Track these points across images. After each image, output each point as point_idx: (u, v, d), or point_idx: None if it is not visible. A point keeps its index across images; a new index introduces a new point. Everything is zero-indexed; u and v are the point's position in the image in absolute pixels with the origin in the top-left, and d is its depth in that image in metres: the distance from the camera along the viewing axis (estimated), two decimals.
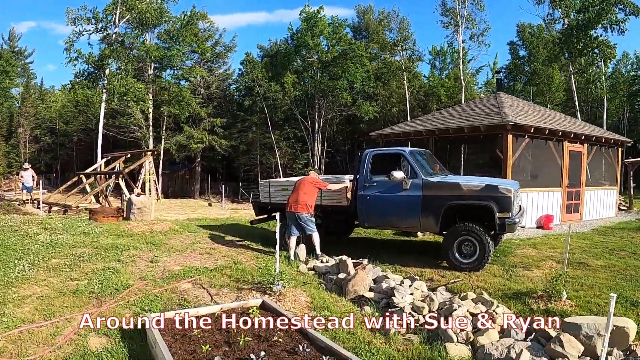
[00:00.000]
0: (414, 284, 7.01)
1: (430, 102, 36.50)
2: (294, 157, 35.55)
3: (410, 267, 8.59)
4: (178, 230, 10.55)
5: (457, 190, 8.18)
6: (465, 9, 28.49)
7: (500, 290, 7.03)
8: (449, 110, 16.82)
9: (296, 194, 8.65)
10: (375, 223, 9.19)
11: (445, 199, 8.17)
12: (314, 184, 8.80)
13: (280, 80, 31.26)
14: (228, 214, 17.02)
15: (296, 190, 8.70)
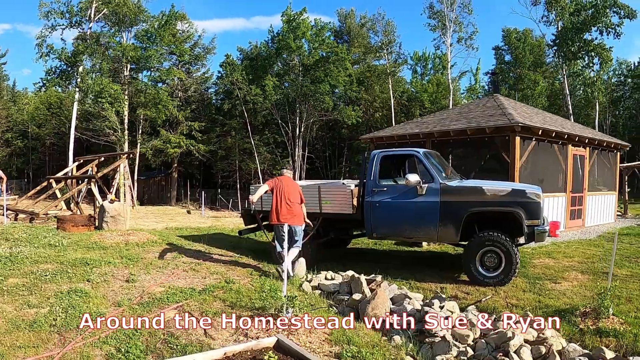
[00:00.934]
0: (445, 305, 5.88)
1: (414, 107, 35.77)
2: (274, 163, 34.22)
3: (427, 283, 7.63)
4: (157, 242, 9.21)
5: (480, 195, 7.31)
6: (453, 11, 27.84)
7: (536, 307, 6.26)
8: (444, 113, 15.95)
9: (287, 203, 7.20)
10: (384, 233, 8.08)
11: (466, 206, 7.29)
12: (299, 191, 7.51)
13: (261, 83, 30.00)
14: (209, 222, 15.69)
15: (285, 198, 7.19)
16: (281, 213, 7.14)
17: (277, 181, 7.30)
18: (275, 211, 7.18)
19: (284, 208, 7.15)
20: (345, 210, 8.05)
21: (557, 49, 22.64)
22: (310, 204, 8.24)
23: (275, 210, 7.19)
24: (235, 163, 33.83)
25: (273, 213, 7.22)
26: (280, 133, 33.20)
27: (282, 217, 7.14)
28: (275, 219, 7.20)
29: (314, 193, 8.31)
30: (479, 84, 38.50)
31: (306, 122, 32.68)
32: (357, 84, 34.89)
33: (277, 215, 7.17)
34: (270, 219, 7.32)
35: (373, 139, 16.44)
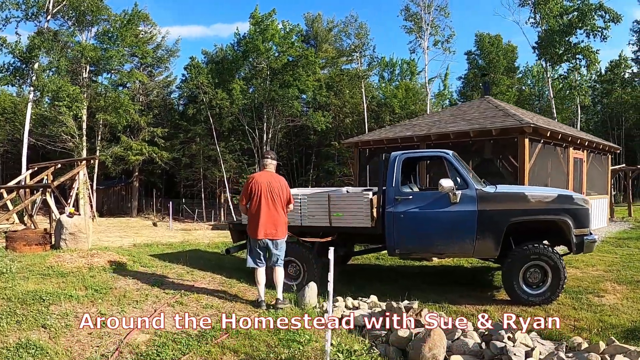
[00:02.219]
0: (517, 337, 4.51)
1: (383, 112, 34.72)
2: (241, 171, 32.37)
3: (463, 306, 6.37)
4: (127, 265, 7.46)
5: (522, 202, 6.30)
6: (429, 14, 27.11)
7: (602, 328, 5.36)
8: (434, 116, 14.90)
9: (269, 209, 5.62)
10: (410, 249, 6.70)
11: (508, 215, 6.23)
12: (286, 188, 5.88)
13: (227, 87, 28.29)
14: (180, 236, 13.89)
15: (267, 201, 5.61)
16: (261, 223, 5.58)
17: (253, 181, 5.69)
18: (254, 220, 5.62)
19: (264, 215, 5.59)
20: (362, 223, 6.61)
21: (543, 52, 22.25)
22: (316, 217, 6.79)
23: (253, 219, 5.63)
24: (200, 171, 31.85)
25: (251, 223, 5.67)
26: (246, 139, 31.47)
27: (263, 228, 5.59)
28: (253, 231, 5.64)
29: (321, 203, 6.84)
30: (447, 89, 38.28)
31: (274, 128, 31.11)
32: (326, 89, 33.69)
33: (255, 227, 5.60)
34: (248, 230, 5.78)
35: (358, 143, 15.08)
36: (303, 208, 6.85)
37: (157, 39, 31.95)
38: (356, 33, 28.60)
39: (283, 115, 31.04)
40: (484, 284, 7.83)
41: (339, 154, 35.05)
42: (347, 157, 35.50)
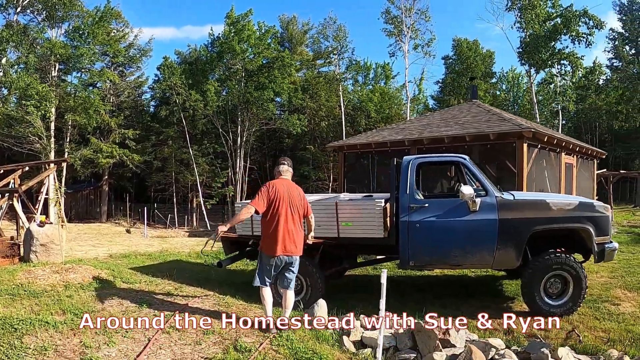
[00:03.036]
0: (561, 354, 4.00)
1: (359, 116, 34.35)
2: (214, 175, 31.30)
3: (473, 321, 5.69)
4: (107, 281, 6.61)
5: (545, 211, 5.96)
6: (410, 17, 26.81)
7: (633, 339, 5.09)
8: (423, 119, 14.44)
9: (289, 223, 4.90)
10: (425, 261, 6.15)
11: (530, 224, 5.88)
12: (305, 199, 5.23)
13: (201, 88, 27.27)
14: (156, 244, 12.94)
15: (288, 214, 4.90)
16: (280, 239, 4.84)
17: (273, 188, 4.92)
18: (272, 235, 4.87)
19: (283, 230, 4.86)
20: (373, 233, 5.99)
21: (528, 57, 22.28)
22: (322, 227, 6.13)
23: (271, 233, 4.88)
24: (172, 175, 30.52)
25: (268, 238, 4.91)
26: (220, 142, 30.45)
27: (282, 244, 4.85)
28: (269, 247, 4.88)
29: (328, 212, 6.19)
30: (422, 93, 38.26)
31: (248, 131, 30.24)
32: (302, 92, 33.05)
33: (272, 242, 4.86)
34: (262, 245, 5.01)
35: (344, 147, 14.48)
36: None
37: (129, 37, 30.56)
38: (335, 35, 28.15)
39: (257, 118, 30.25)
40: (495, 294, 7.40)
41: (314, 158, 34.43)
42: (323, 162, 35.02)
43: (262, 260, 5.05)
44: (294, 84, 31.84)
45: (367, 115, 34.28)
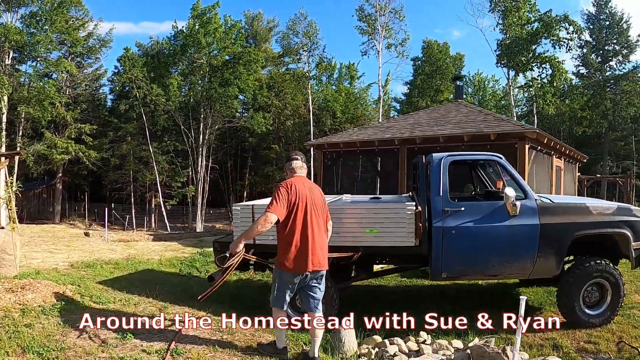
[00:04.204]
0: None
1: (324, 116, 33.58)
2: (174, 174, 29.67)
3: (524, 334, 5.17)
4: (73, 301, 5.38)
5: (585, 215, 5.44)
6: (384, 16, 26.23)
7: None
8: (409, 118, 13.74)
9: (317, 231, 4.05)
10: (460, 272, 5.33)
11: (572, 229, 5.34)
12: (325, 200, 4.42)
13: (163, 82, 25.66)
14: (120, 250, 11.47)
15: (313, 221, 4.02)
16: (311, 251, 3.93)
17: (293, 189, 3.99)
18: (299, 248, 3.93)
19: (312, 240, 3.96)
20: (403, 241, 5.10)
21: (508, 59, 22.16)
22: (342, 234, 5.20)
23: (298, 245, 3.93)
24: (130, 173, 28.60)
25: (293, 251, 3.92)
26: (181, 140, 28.88)
27: (312, 258, 3.95)
28: (298, 263, 3.93)
29: (351, 216, 5.26)
30: (387, 95, 37.87)
31: (211, 129, 28.80)
32: (267, 90, 31.91)
33: (301, 256, 3.93)
34: (282, 261, 3.99)
35: (325, 145, 13.57)
36: None
37: (88, 27, 28.32)
38: (305, 32, 27.22)
39: (221, 115, 28.90)
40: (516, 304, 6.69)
41: (278, 158, 33.37)
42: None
43: (282, 279, 4.04)
44: (259, 81, 30.73)
45: (333, 115, 33.57)
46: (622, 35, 30.71)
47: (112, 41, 30.17)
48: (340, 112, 33.23)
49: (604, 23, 31.59)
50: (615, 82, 29.58)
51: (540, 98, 22.28)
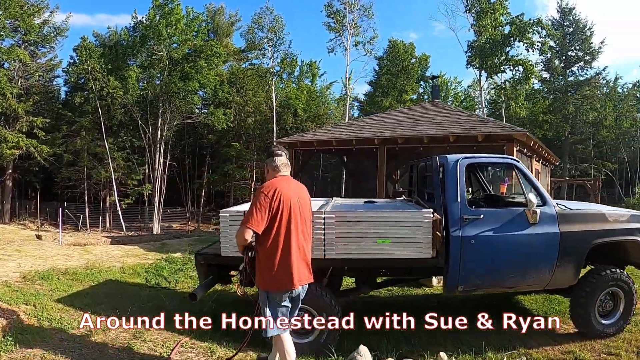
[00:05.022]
0: None
1: (286, 114, 32.82)
2: (130, 172, 28.12)
3: (537, 350, 4.91)
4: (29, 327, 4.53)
5: (602, 222, 5.19)
6: (353, 13, 25.71)
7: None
8: (386, 117, 13.32)
9: (302, 241, 3.58)
10: (477, 285, 4.85)
11: (590, 237, 5.05)
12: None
13: (121, 75, 24.23)
14: (77, 255, 10.33)
15: (298, 230, 3.54)
16: (295, 264, 3.46)
17: (277, 193, 3.45)
18: (282, 263, 3.44)
19: (297, 252, 3.50)
20: (419, 253, 4.57)
21: (480, 61, 22.16)
22: (351, 245, 4.58)
23: (281, 261, 3.44)
24: (84, 170, 26.85)
25: (277, 269, 3.43)
26: (137, 136, 27.38)
27: (299, 271, 3.49)
28: (282, 280, 3.45)
29: (360, 225, 4.61)
30: (350, 94, 37.34)
31: (169, 124, 27.47)
32: (228, 85, 30.82)
33: (285, 271, 3.44)
34: (265, 280, 3.49)
35: (297, 143, 12.95)
36: (329, 232, 4.59)
37: (44, 14, 26.26)
38: (270, 27, 26.32)
39: (180, 110, 27.62)
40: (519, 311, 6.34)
41: (238, 156, 32.37)
42: (247, 160, 33.13)
43: (271, 300, 3.51)
44: (220, 76, 29.66)
45: (294, 113, 32.88)
46: (585, 42, 31.65)
47: (68, 29, 28.26)
48: (301, 110, 32.57)
49: (567, 30, 32.40)
50: (577, 87, 30.55)
51: (513, 100, 22.60)
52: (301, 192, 3.71)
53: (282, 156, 3.77)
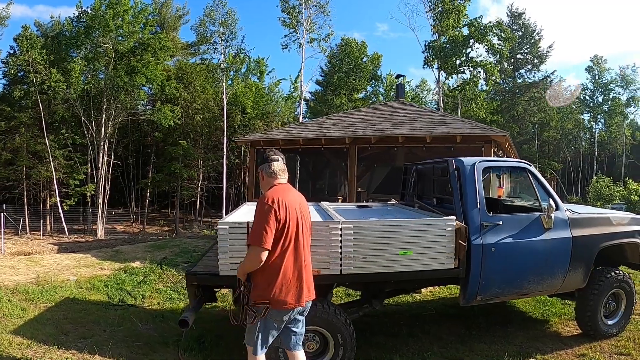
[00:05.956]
0: None
1: (234, 112, 31.92)
2: (72, 171, 26.16)
3: (552, 355, 4.84)
4: None
5: (607, 226, 5.20)
6: (308, 9, 25.08)
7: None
8: (352, 115, 13.00)
9: (306, 256, 3.31)
10: (496, 293, 4.65)
11: (598, 240, 5.07)
12: None
13: (65, 67, 22.41)
14: (23, 267, 9.12)
15: (302, 244, 3.25)
16: (305, 281, 3.22)
17: (282, 205, 3.10)
18: (291, 279, 3.15)
19: (302, 267, 3.22)
20: (442, 263, 4.25)
21: (440, 61, 22.25)
22: (370, 259, 4.15)
23: (290, 275, 3.15)
24: (23, 170, 24.67)
25: (283, 283, 3.13)
26: (81, 133, 25.50)
27: (305, 289, 3.23)
28: (288, 297, 3.14)
29: (380, 236, 4.14)
30: (297, 92, 36.85)
31: (114, 121, 25.79)
32: (175, 81, 29.42)
33: (293, 289, 3.17)
34: (268, 295, 3.13)
35: (260, 142, 12.37)
36: (346, 245, 4.14)
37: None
38: (222, 20, 25.20)
39: (125, 106, 25.97)
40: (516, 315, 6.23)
41: (185, 155, 31.10)
42: (194, 159, 31.92)
43: (268, 318, 3.20)
44: (167, 71, 28.20)
45: (243, 110, 32.05)
46: (534, 46, 32.83)
47: (8, 18, 26.06)
48: (250, 108, 31.81)
49: (517, 33, 33.27)
50: (525, 89, 31.80)
51: (473, 101, 23.08)
52: (302, 202, 3.39)
53: (279, 161, 3.40)
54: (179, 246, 11.93)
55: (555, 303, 6.36)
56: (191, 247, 11.48)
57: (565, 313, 6.07)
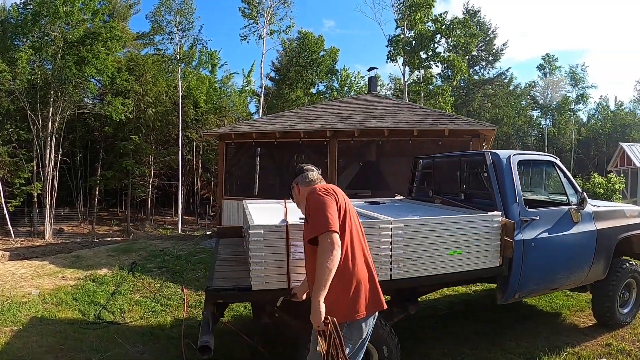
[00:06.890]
0: None
1: (187, 106, 30.71)
2: (17, 169, 24.08)
3: (581, 347, 4.78)
4: None
5: (623, 218, 5.31)
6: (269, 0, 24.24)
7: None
8: (327, 108, 12.62)
9: (366, 248, 2.86)
10: (532, 289, 4.58)
11: (617, 233, 5.14)
12: None
13: (10, 57, 20.61)
14: None
15: (363, 243, 2.83)
16: (375, 277, 2.79)
17: (339, 196, 2.76)
18: (364, 278, 2.71)
19: (370, 261, 2.83)
20: (488, 262, 4.06)
21: (406, 55, 22.11)
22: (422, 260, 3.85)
23: (360, 274, 2.69)
24: None
25: (358, 285, 2.66)
26: (26, 128, 23.59)
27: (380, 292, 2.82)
28: (371, 300, 2.70)
29: (431, 235, 3.85)
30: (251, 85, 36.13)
31: (61, 115, 23.91)
32: (127, 73, 27.75)
33: (372, 289, 2.73)
34: (349, 305, 2.64)
35: (232, 135, 11.79)
36: (397, 246, 3.81)
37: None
38: (179, 9, 23.89)
39: (72, 99, 24.13)
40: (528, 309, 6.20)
41: (137, 150, 29.57)
42: (145, 155, 30.40)
43: (355, 334, 2.68)
44: (118, 62, 26.50)
45: (195, 104, 30.92)
46: (489, 43, 33.54)
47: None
48: (203, 102, 30.73)
49: (472, 31, 34.35)
50: (480, 85, 32.60)
51: (440, 96, 23.34)
52: (349, 201, 2.96)
53: (314, 171, 3.10)
54: (145, 249, 10.88)
55: (559, 295, 6.43)
56: (159, 250, 10.46)
57: (571, 305, 6.16)
